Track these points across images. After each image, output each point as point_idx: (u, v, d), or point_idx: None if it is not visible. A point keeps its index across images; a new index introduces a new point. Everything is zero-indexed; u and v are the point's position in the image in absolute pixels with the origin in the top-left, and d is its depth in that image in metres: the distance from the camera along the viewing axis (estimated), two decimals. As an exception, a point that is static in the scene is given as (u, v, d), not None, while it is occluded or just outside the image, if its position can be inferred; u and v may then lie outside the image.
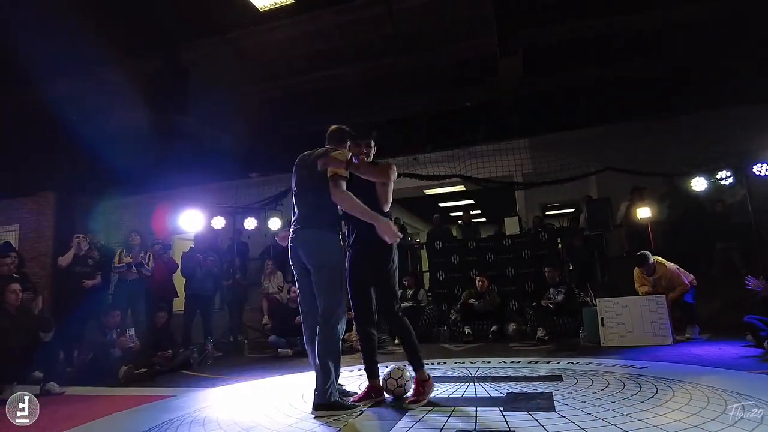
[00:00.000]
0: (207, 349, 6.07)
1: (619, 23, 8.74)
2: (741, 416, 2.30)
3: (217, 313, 8.43)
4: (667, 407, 2.60)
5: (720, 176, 6.69)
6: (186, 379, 4.94)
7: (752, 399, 2.63)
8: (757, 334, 4.40)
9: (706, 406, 2.57)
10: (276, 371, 4.95)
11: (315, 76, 10.76)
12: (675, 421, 2.34)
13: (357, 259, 3.16)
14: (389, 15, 8.75)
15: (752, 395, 2.70)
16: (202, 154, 11.22)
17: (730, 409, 2.43)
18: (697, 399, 2.72)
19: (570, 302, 6.22)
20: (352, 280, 3.21)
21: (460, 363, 4.67)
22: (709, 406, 2.55)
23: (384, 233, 2.84)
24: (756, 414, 2.30)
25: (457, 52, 9.88)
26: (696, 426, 2.25)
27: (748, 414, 2.32)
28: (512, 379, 3.68)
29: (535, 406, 2.81)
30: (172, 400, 3.79)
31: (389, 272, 3.12)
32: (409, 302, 7.04)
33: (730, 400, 2.65)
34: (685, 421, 2.33)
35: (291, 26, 9.18)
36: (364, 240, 3.07)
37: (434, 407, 2.96)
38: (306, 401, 3.32)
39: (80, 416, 3.34)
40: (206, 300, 7.33)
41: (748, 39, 8.47)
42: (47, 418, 3.14)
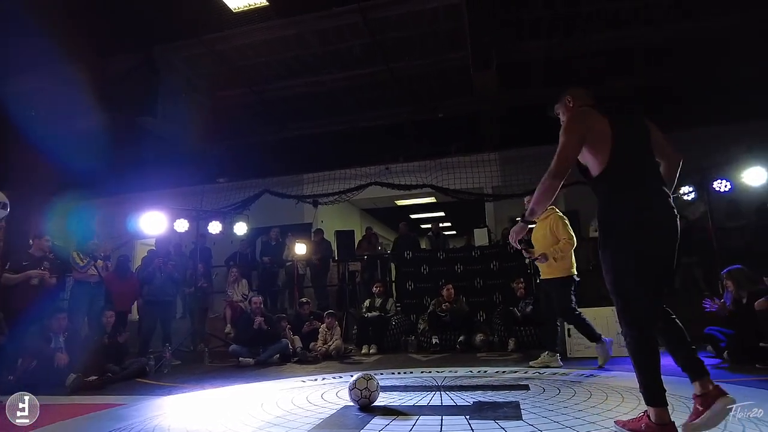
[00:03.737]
0: (165, 357, 5.81)
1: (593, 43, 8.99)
2: (741, 416, 2.30)
3: (178, 320, 8.14)
4: (633, 415, 2.58)
5: (683, 191, 6.88)
6: (140, 387, 4.69)
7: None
8: (717, 345, 4.54)
9: (671, 413, 2.55)
10: (236, 380, 4.76)
11: (292, 83, 10.68)
12: (641, 429, 2.30)
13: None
14: (365, 24, 8.76)
15: (715, 403, 2.71)
16: (168, 158, 10.93)
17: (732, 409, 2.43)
18: (662, 407, 2.70)
19: (538, 313, 6.23)
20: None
21: (427, 372, 4.60)
22: (673, 414, 2.52)
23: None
24: (756, 414, 2.30)
25: (432, 63, 9.96)
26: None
27: (748, 414, 2.32)
28: (479, 388, 3.62)
29: (501, 414, 2.75)
30: (123, 409, 3.57)
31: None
32: (376, 311, 6.94)
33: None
34: (652, 429, 2.29)
35: (268, 31, 9.11)
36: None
37: (399, 416, 2.86)
38: (265, 410, 3.17)
39: (17, 427, 3.08)
40: (165, 306, 7.05)
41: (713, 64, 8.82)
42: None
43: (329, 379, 4.48)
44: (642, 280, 2.18)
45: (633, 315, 2.19)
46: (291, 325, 6.69)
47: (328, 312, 6.65)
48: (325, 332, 6.42)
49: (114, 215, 9.23)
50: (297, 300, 7.69)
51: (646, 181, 2.29)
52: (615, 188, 2.27)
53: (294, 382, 4.46)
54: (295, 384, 4.30)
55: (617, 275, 2.23)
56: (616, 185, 2.27)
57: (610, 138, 2.26)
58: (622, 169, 2.26)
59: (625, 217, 2.21)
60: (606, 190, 2.30)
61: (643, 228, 2.19)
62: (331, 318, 6.51)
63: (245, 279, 8.21)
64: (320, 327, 6.52)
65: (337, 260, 8.96)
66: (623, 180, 2.26)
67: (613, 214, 2.27)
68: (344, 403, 3.26)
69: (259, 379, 4.76)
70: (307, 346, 6.37)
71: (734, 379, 3.54)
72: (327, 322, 6.47)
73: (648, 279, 2.19)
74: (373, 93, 10.85)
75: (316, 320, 6.80)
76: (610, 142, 2.26)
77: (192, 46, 9.58)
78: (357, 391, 3.10)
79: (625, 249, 2.21)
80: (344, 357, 6.17)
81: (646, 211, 2.21)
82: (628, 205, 2.22)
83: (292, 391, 3.88)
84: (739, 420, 2.31)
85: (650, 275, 2.19)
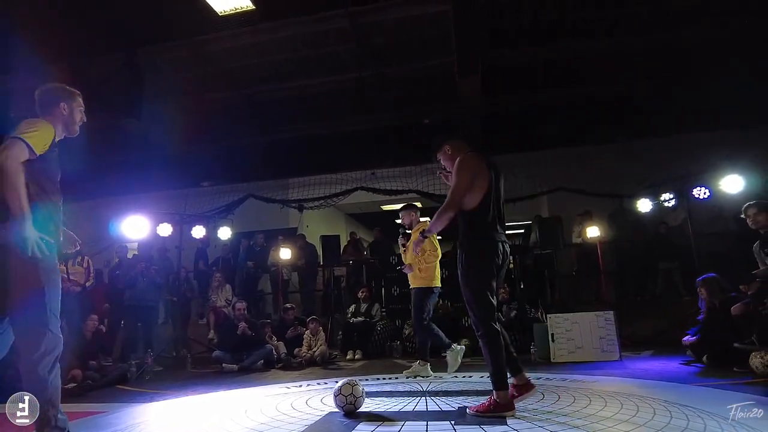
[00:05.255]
0: (146, 363, 5.72)
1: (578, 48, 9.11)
2: (741, 416, 2.34)
3: (160, 325, 8.02)
4: (616, 419, 2.62)
5: (664, 198, 7.01)
6: (121, 394, 4.61)
7: (695, 410, 2.68)
8: (697, 350, 4.60)
9: (653, 417, 2.60)
10: (219, 387, 4.70)
11: (277, 86, 10.63)
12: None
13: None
14: (352, 29, 8.77)
15: (695, 406, 2.77)
16: (151, 161, 10.79)
17: (731, 409, 2.48)
18: (644, 410, 2.75)
19: (522, 318, 6.29)
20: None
21: (412, 377, 4.59)
22: (655, 417, 2.59)
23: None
24: (756, 414, 2.34)
25: (418, 69, 10.00)
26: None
27: (748, 414, 2.36)
28: (464, 394, 3.63)
29: (486, 420, 2.75)
30: (103, 416, 3.50)
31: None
32: (362, 317, 6.93)
33: (674, 411, 2.69)
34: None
35: (254, 34, 9.06)
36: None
37: (384, 421, 2.85)
38: (249, 417, 3.14)
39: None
40: (148, 311, 6.94)
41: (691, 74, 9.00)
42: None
43: (314, 385, 4.45)
44: (492, 293, 2.87)
45: (490, 320, 2.83)
46: (275, 331, 6.64)
47: (312, 318, 6.62)
48: (310, 338, 6.39)
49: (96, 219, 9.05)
50: (281, 305, 7.64)
51: (501, 220, 3.00)
52: (483, 221, 2.89)
53: (278, 388, 4.42)
54: (279, 390, 4.27)
55: (480, 289, 2.85)
56: (484, 218, 2.89)
57: (488, 180, 2.91)
58: (490, 207, 2.91)
59: (489, 245, 2.88)
60: (476, 222, 2.91)
61: (498, 255, 2.90)
62: (315, 323, 6.48)
63: (229, 284, 8.14)
64: (305, 333, 6.48)
65: (322, 265, 8.91)
66: (490, 215, 2.90)
67: (480, 242, 2.90)
68: (329, 410, 3.24)
69: (243, 385, 4.71)
70: (292, 351, 6.32)
71: (711, 383, 3.61)
72: (311, 328, 6.44)
73: (493, 292, 2.89)
74: (359, 97, 10.85)
75: (300, 326, 6.76)
76: (486, 185, 2.90)
77: (177, 49, 9.48)
78: (342, 397, 3.08)
79: (486, 269, 2.87)
80: (329, 363, 6.14)
81: (498, 242, 2.91)
82: (490, 236, 2.89)
83: (276, 398, 3.85)
84: (739, 420, 2.36)
85: (494, 290, 2.90)
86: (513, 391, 2.89)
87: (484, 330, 2.81)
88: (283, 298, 8.38)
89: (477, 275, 2.88)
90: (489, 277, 2.87)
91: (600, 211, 7.88)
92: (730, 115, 8.18)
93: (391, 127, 10.79)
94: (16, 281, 2.18)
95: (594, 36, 8.89)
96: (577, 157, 8.84)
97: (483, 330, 2.82)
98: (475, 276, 2.88)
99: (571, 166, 8.44)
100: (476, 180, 2.89)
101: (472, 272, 2.89)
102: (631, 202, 7.52)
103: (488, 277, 2.87)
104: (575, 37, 8.91)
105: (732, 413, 2.42)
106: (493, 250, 2.88)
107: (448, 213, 2.92)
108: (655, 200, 7.15)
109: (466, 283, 2.92)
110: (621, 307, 6.18)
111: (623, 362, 4.91)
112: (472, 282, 2.89)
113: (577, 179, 7.74)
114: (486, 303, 2.84)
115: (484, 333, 2.82)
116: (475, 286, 2.87)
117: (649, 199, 7.19)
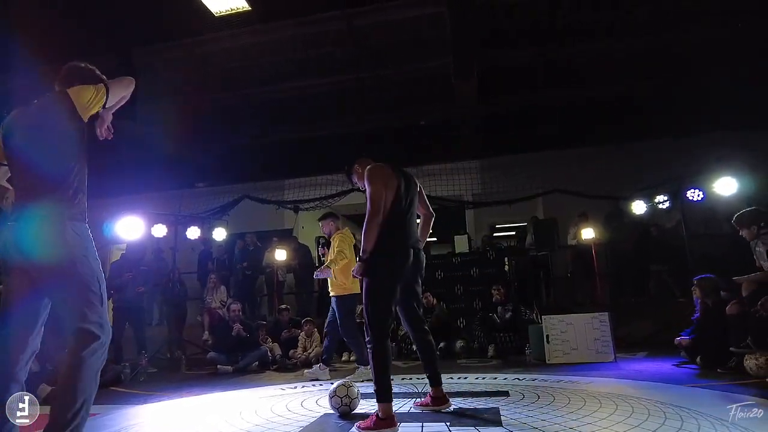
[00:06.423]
0: (140, 364, 5.69)
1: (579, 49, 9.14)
2: (741, 416, 2.35)
3: (155, 327, 7.98)
4: (611, 420, 2.62)
5: (658, 200, 7.03)
6: (115, 395, 4.58)
7: (689, 411, 2.70)
8: (690, 351, 4.61)
9: (647, 418, 2.61)
10: (214, 388, 4.68)
11: (273, 87, 10.58)
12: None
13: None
14: (349, 30, 8.78)
15: (689, 407, 2.78)
16: (146, 162, 10.73)
17: (730, 409, 2.49)
18: (638, 412, 2.76)
19: (517, 320, 6.30)
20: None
21: (407, 379, 4.59)
22: (650, 418, 2.60)
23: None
24: (756, 414, 2.35)
25: (415, 70, 10.01)
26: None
27: (748, 414, 2.37)
28: (459, 395, 3.63)
29: (481, 421, 2.76)
30: (96, 419, 3.47)
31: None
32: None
33: (668, 412, 2.70)
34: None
35: (251, 35, 9.05)
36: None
37: (379, 423, 2.84)
38: (244, 418, 3.13)
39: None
40: (137, 312, 6.87)
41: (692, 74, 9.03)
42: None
43: (309, 387, 4.44)
44: (393, 302, 2.81)
45: (384, 329, 2.75)
46: (270, 332, 6.62)
47: (307, 319, 6.60)
48: (305, 339, 6.37)
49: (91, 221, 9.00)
50: (276, 307, 7.61)
51: (411, 225, 3.02)
52: (391, 229, 2.86)
53: (273, 389, 4.41)
54: (274, 392, 4.26)
55: (380, 297, 2.78)
56: (393, 226, 2.87)
57: (396, 187, 2.93)
58: (399, 214, 2.92)
59: (396, 254, 2.85)
60: (383, 229, 2.83)
61: (406, 264, 2.86)
62: (309, 325, 6.46)
63: (224, 286, 8.11)
64: (300, 334, 6.47)
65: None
66: (398, 223, 2.91)
67: (386, 250, 2.82)
68: (324, 411, 3.24)
69: (238, 386, 4.70)
70: (287, 353, 6.30)
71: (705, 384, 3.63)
72: (306, 329, 6.42)
73: (394, 302, 2.82)
74: (358, 98, 10.85)
75: (294, 328, 6.73)
76: (395, 191, 2.92)
77: (172, 49, 9.46)
78: (337, 399, 3.08)
79: (392, 277, 2.80)
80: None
81: (407, 249, 2.90)
82: (399, 244, 2.87)
83: (271, 399, 3.84)
84: (739, 420, 2.37)
85: (395, 299, 2.83)
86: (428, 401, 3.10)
87: (373, 336, 2.73)
88: (279, 300, 8.36)
89: (381, 280, 2.81)
90: (393, 283, 2.80)
91: (596, 212, 7.89)
92: (730, 115, 8.20)
93: (390, 128, 10.79)
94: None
95: (594, 36, 8.93)
96: (577, 157, 8.85)
97: (372, 336, 2.74)
98: (378, 280, 2.82)
99: (571, 167, 8.46)
100: (388, 184, 2.92)
101: (376, 275, 2.82)
102: (627, 204, 7.55)
103: (393, 283, 2.80)
104: (575, 37, 8.95)
105: (732, 413, 2.43)
106: (403, 255, 2.86)
107: (375, 220, 2.82)
108: (650, 202, 7.18)
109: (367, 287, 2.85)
110: (616, 308, 6.20)
111: (618, 363, 4.92)
112: (374, 285, 2.83)
113: (576, 180, 7.75)
114: (381, 308, 2.77)
115: (372, 339, 2.74)
116: (375, 292, 2.82)
117: (643, 201, 7.22)
